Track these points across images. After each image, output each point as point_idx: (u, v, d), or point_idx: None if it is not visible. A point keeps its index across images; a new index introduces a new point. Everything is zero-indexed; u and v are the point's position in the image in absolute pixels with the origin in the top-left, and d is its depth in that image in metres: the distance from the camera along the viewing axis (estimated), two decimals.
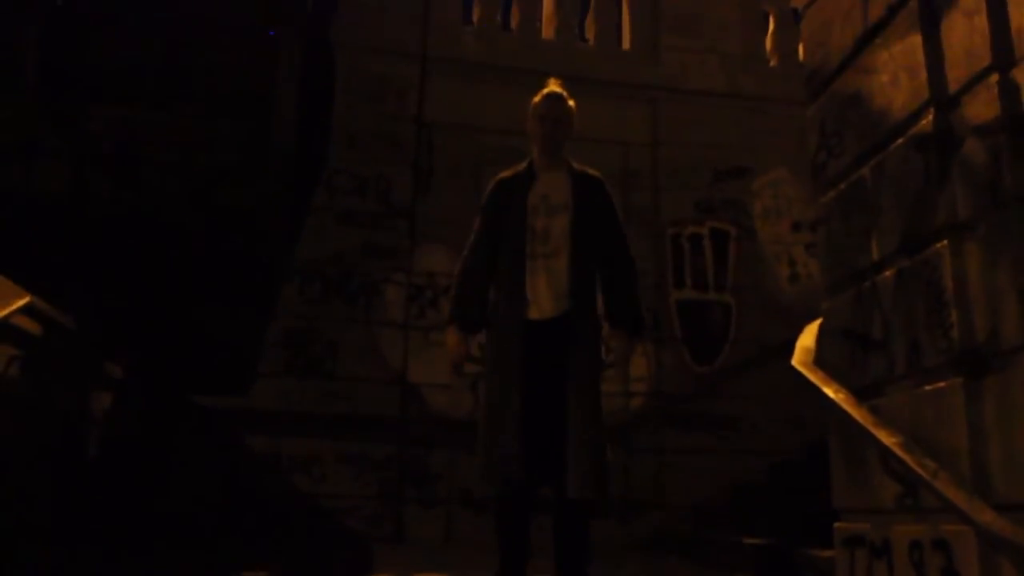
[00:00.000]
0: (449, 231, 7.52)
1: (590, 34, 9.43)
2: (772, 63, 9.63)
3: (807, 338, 4.02)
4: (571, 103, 4.19)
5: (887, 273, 3.34)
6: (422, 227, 8.25)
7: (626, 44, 9.48)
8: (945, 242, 2.99)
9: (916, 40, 3.23)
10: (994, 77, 2.83)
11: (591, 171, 4.21)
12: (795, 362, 3.87)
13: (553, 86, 4.22)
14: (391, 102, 8.46)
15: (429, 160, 8.45)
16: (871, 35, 3.57)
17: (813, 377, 3.70)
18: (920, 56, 3.20)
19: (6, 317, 5.10)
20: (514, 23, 9.24)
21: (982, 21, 2.90)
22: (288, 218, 8.00)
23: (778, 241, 9.02)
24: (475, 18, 9.10)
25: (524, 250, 3.96)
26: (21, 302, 5.38)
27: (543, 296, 3.93)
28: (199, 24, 8.53)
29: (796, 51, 8.82)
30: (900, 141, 3.29)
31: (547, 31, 9.36)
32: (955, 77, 3.04)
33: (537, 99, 4.20)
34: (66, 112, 7.96)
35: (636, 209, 8.62)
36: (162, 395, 7.04)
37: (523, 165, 4.22)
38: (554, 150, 4.16)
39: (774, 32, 9.69)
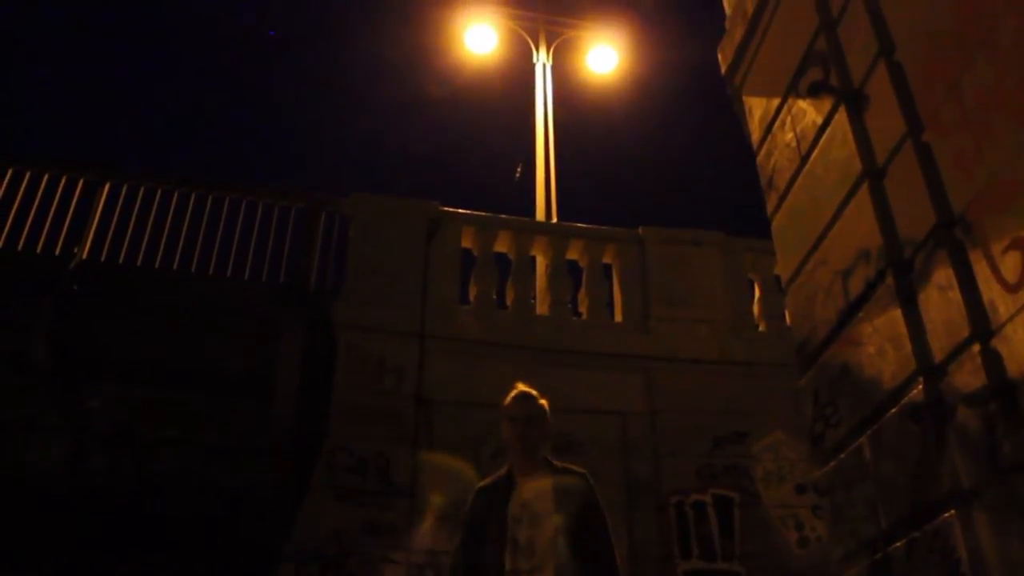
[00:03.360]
0: (450, 508, 7.39)
1: (583, 308, 9.74)
2: (760, 328, 9.89)
3: None
4: (542, 402, 4.01)
5: (898, 544, 3.28)
6: (422, 505, 8.10)
7: (618, 317, 9.78)
8: (953, 511, 2.96)
9: (897, 314, 3.37)
10: (976, 347, 2.93)
11: (575, 468, 3.98)
12: None
13: (521, 387, 4.06)
14: (390, 380, 8.57)
15: (428, 437, 8.42)
16: (854, 309, 3.73)
17: None
18: (902, 328, 3.33)
19: None
20: (509, 300, 9.56)
21: (956, 295, 3.05)
22: (286, 498, 7.90)
23: (784, 505, 8.85)
24: (471, 296, 9.43)
25: (505, 567, 3.66)
26: None
27: None
28: (202, 306, 8.86)
29: (783, 315, 9.07)
30: (894, 411, 3.35)
31: (541, 307, 9.68)
32: (939, 347, 3.14)
33: (507, 401, 4.02)
34: (66, 389, 8.07)
35: (637, 479, 8.54)
36: None
37: (503, 471, 4.00)
38: (531, 452, 3.93)
39: (760, 298, 10.04)
